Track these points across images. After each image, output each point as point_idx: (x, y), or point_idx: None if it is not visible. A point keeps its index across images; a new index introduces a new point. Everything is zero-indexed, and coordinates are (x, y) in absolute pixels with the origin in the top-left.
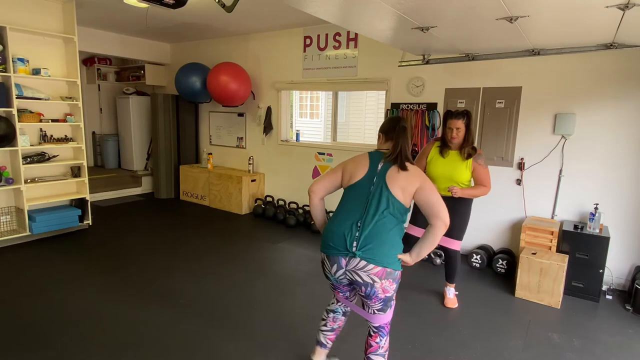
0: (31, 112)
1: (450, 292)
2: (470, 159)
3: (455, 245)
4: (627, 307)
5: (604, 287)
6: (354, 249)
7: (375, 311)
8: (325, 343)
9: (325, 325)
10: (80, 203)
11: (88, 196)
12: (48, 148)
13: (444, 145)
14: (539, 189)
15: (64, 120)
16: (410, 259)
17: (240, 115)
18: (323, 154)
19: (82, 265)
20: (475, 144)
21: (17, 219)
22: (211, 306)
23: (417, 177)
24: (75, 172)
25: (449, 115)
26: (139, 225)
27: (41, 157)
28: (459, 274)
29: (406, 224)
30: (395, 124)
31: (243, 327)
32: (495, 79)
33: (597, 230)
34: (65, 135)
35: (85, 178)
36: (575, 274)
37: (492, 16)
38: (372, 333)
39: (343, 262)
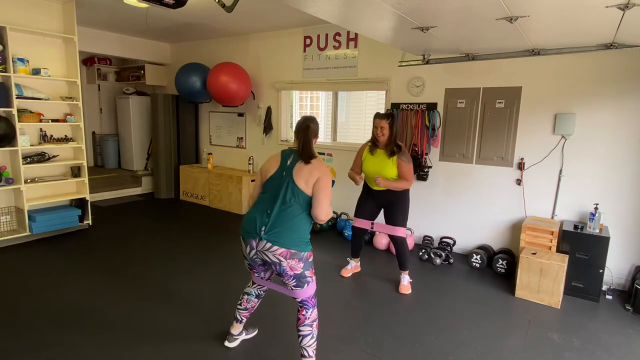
0: (31, 112)
1: (405, 279)
2: (394, 156)
3: (399, 232)
4: (627, 307)
5: (604, 287)
6: (262, 232)
7: (293, 287)
8: (240, 319)
9: (240, 304)
10: (80, 203)
11: (88, 196)
12: (48, 148)
13: (374, 145)
14: (539, 189)
15: (64, 120)
16: None
17: (240, 115)
18: (323, 154)
19: (82, 265)
20: (475, 144)
21: (17, 219)
22: (211, 305)
23: (318, 171)
24: (75, 172)
25: (376, 115)
26: (138, 225)
27: (41, 157)
28: (466, 274)
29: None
30: (301, 125)
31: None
32: (495, 79)
33: (597, 230)
34: (65, 135)
35: (85, 178)
36: (575, 274)
37: (492, 16)
38: (299, 308)
39: (254, 243)
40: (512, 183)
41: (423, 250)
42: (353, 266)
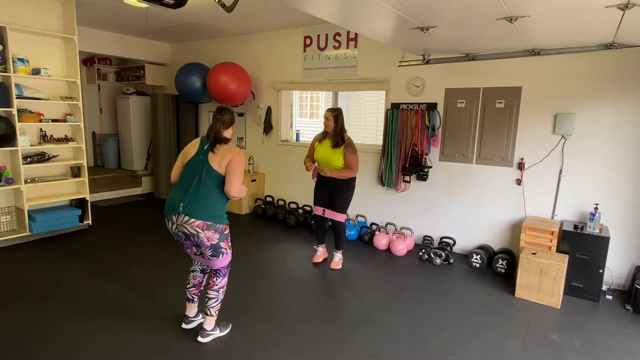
0: (31, 112)
1: (337, 256)
2: (340, 147)
3: (340, 217)
4: (627, 307)
5: (604, 287)
6: (180, 207)
7: (209, 257)
8: (192, 298)
9: (188, 283)
10: (80, 203)
11: (88, 196)
12: (48, 148)
13: (324, 135)
14: (539, 189)
15: (64, 120)
16: None
17: (240, 115)
18: None
19: (81, 265)
20: (475, 144)
21: (17, 219)
22: None
23: (230, 154)
24: (75, 172)
25: (326, 110)
26: (139, 225)
27: (41, 157)
28: (466, 274)
29: None
30: (214, 115)
31: (242, 325)
32: (495, 79)
33: (597, 230)
34: (65, 135)
35: (85, 178)
36: (575, 274)
37: (492, 16)
38: (212, 274)
39: (174, 218)
40: (512, 183)
41: (423, 250)
42: (321, 252)
